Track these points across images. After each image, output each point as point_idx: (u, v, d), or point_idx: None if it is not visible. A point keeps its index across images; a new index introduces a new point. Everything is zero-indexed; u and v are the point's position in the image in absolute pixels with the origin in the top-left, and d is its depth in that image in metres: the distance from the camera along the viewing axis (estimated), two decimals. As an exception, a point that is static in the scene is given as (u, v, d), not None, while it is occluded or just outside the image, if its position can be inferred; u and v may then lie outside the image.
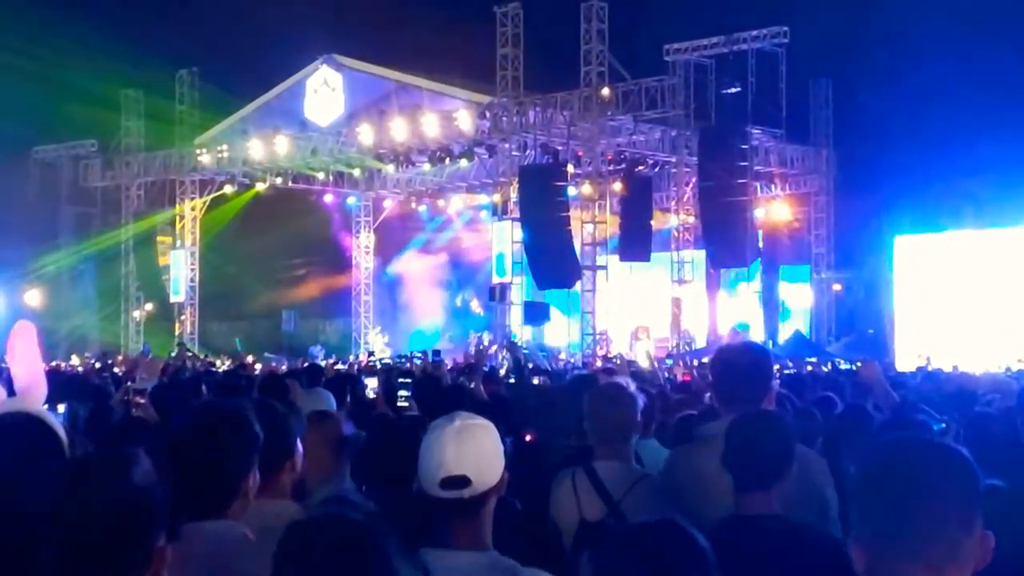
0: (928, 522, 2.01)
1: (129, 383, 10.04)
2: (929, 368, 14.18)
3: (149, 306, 36.22)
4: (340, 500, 3.85)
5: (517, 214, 28.35)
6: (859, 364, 10.52)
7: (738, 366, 4.20)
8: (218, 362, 25.24)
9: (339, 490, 4.35)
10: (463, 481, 2.77)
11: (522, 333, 28.35)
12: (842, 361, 20.16)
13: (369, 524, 2.28)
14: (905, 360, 24.32)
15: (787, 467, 3.46)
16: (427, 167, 32.00)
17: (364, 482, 4.97)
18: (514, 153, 28.56)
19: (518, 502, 4.08)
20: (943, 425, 5.43)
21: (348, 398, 7.44)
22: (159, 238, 36.06)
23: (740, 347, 4.59)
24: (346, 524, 2.26)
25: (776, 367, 7.01)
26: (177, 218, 35.52)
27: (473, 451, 2.81)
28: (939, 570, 2.01)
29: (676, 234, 30.49)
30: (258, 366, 20.52)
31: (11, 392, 2.60)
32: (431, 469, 2.81)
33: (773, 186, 31.85)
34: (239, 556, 2.89)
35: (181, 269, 35.12)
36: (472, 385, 8.52)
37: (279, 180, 33.31)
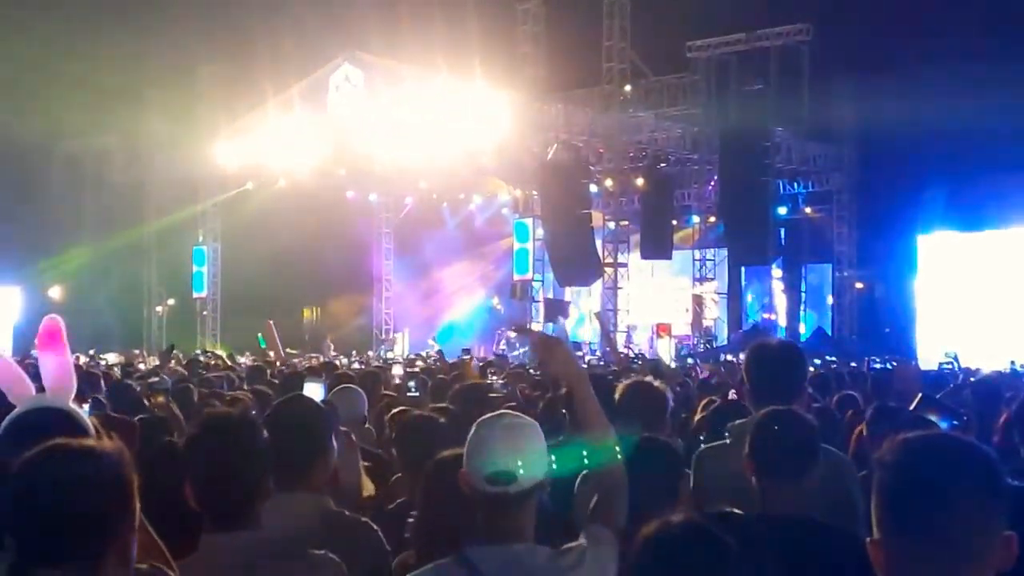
0: (943, 520, 1.94)
1: (152, 380, 10.09)
2: (955, 367, 13.97)
3: (172, 302, 36.40)
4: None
5: (538, 211, 28.30)
6: (895, 363, 10.39)
7: (773, 364, 4.18)
8: (240, 358, 25.29)
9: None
10: (509, 477, 2.82)
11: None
12: (875, 359, 20.00)
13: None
14: (928, 359, 24.17)
15: (812, 462, 3.45)
16: (448, 164, 31.96)
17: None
18: (535, 150, 28.49)
19: (549, 502, 4.07)
20: (964, 418, 5.31)
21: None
22: (182, 234, 36.22)
23: (776, 345, 4.55)
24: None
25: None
26: (199, 214, 35.68)
27: (519, 448, 2.88)
28: (955, 569, 1.96)
29: (697, 232, 30.44)
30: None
31: (40, 388, 2.60)
32: (478, 465, 2.88)
33: (795, 184, 31.72)
34: (258, 567, 2.92)
35: (204, 265, 35.28)
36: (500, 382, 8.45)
37: (301, 177, 33.34)
